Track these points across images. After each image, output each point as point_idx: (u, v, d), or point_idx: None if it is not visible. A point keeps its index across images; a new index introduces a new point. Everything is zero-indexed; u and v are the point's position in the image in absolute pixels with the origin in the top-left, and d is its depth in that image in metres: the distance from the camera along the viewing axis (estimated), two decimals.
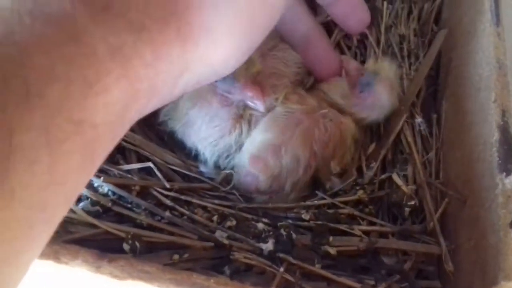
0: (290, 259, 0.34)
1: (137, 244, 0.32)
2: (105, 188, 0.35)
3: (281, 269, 0.33)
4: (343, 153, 0.40)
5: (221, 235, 0.34)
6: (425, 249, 0.35)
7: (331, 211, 0.38)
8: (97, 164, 0.24)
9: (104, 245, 0.32)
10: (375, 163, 0.41)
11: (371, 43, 0.49)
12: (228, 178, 0.40)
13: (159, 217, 0.35)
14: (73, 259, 0.23)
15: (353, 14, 0.47)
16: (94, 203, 0.34)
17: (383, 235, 0.36)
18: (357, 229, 0.36)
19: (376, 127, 0.44)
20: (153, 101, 0.26)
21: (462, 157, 0.37)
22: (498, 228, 0.28)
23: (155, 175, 0.38)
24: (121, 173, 0.37)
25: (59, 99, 0.20)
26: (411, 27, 0.51)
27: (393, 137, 0.42)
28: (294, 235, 0.35)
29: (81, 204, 0.34)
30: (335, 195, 0.39)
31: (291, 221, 0.37)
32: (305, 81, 0.45)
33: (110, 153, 0.37)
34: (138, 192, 0.36)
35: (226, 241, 0.34)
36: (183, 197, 0.37)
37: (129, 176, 0.37)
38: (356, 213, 0.37)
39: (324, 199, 0.39)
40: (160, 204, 0.36)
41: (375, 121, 0.43)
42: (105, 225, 0.33)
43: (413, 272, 0.35)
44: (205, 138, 0.40)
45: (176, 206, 0.36)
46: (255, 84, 0.39)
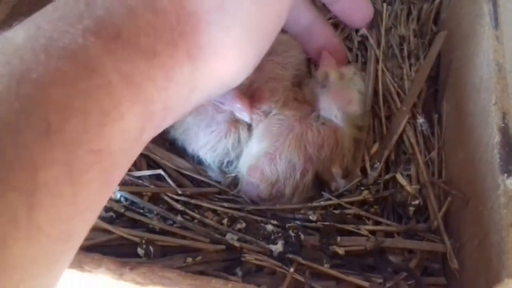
0: (299, 259, 0.35)
1: (151, 248, 0.33)
2: (118, 194, 0.36)
3: (291, 270, 0.34)
4: (342, 155, 0.41)
5: (232, 237, 0.35)
6: (430, 247, 0.36)
7: (337, 211, 0.39)
8: (115, 185, 0.25)
9: (119, 250, 0.34)
10: (379, 163, 0.42)
11: (372, 45, 0.50)
12: (234, 181, 0.41)
13: (171, 222, 0.36)
14: (97, 268, 0.24)
15: (358, 9, 0.48)
16: (107, 209, 0.35)
17: (388, 234, 0.37)
18: (363, 229, 0.37)
19: (378, 127, 0.45)
20: (167, 119, 0.27)
21: (464, 158, 0.38)
22: (500, 227, 0.29)
23: (165, 180, 0.39)
24: (132, 179, 0.37)
25: (79, 132, 0.21)
26: (410, 28, 0.52)
27: (396, 137, 0.43)
28: (302, 236, 0.36)
29: None
30: (340, 195, 0.40)
31: (299, 222, 0.38)
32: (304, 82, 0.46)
33: None
34: (149, 197, 0.37)
35: (237, 244, 0.35)
36: (193, 201, 0.38)
37: (140, 182, 0.38)
38: (362, 213, 0.38)
39: (330, 199, 0.40)
40: (171, 208, 0.37)
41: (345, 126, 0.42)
42: (119, 231, 0.34)
43: (418, 269, 0.36)
44: (204, 145, 0.40)
45: (187, 210, 0.37)
46: (244, 95, 0.39)
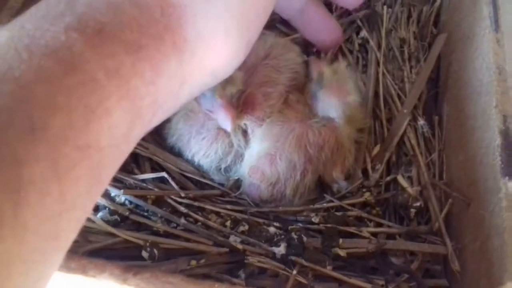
0: (302, 261, 0.35)
1: (155, 251, 0.34)
2: (122, 197, 0.36)
3: (294, 272, 0.34)
4: (343, 157, 0.41)
5: (235, 240, 0.36)
6: (431, 249, 0.36)
7: (339, 213, 0.39)
8: (106, 182, 0.24)
9: (123, 253, 0.34)
10: (380, 165, 0.42)
11: (372, 47, 0.50)
12: (237, 183, 0.41)
13: (174, 224, 0.36)
14: (101, 273, 0.24)
15: None
16: (112, 213, 0.35)
17: (390, 236, 0.38)
18: (365, 231, 0.37)
19: (379, 129, 0.45)
20: (157, 114, 0.27)
21: (465, 160, 0.38)
22: (502, 230, 0.30)
23: (168, 182, 0.39)
24: (137, 182, 0.38)
25: (63, 128, 0.21)
26: (411, 30, 0.52)
27: (397, 139, 0.43)
28: (305, 238, 0.36)
29: (100, 214, 0.35)
30: (342, 197, 0.41)
31: (301, 224, 0.38)
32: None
33: (124, 162, 0.39)
34: (153, 200, 0.37)
35: (240, 246, 0.35)
36: (196, 203, 0.38)
37: (144, 185, 0.38)
38: (363, 215, 0.39)
39: (332, 201, 0.40)
40: (175, 211, 0.37)
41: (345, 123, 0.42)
42: (123, 234, 0.34)
43: (420, 271, 0.36)
44: (197, 151, 0.41)
45: (190, 212, 0.37)
46: (237, 101, 0.39)
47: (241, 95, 0.40)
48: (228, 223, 0.37)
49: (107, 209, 0.35)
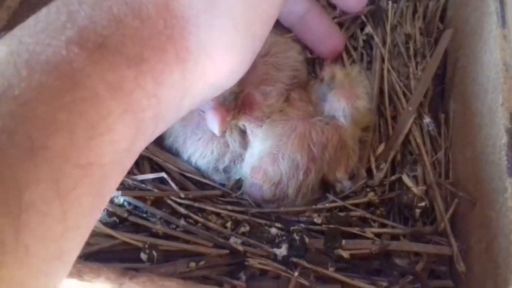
0: (304, 263, 0.34)
1: (154, 253, 0.33)
2: (121, 198, 0.36)
3: (296, 274, 0.34)
4: (347, 157, 0.41)
5: (235, 241, 0.35)
6: (436, 250, 0.36)
7: (342, 214, 0.38)
8: (107, 198, 0.24)
9: (122, 255, 0.33)
10: (384, 164, 0.41)
11: (377, 43, 0.49)
12: (238, 184, 0.41)
13: (174, 226, 0.36)
14: (96, 277, 0.24)
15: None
16: (110, 214, 0.35)
17: (394, 237, 0.37)
18: (369, 232, 0.37)
19: (384, 127, 0.45)
20: (159, 126, 0.26)
21: (471, 158, 0.37)
22: (508, 231, 0.29)
23: (168, 183, 0.38)
24: (136, 183, 0.37)
25: (64, 147, 0.20)
26: (416, 26, 0.51)
27: (402, 138, 0.42)
28: (307, 239, 0.35)
29: None
30: (345, 197, 0.40)
31: (303, 225, 0.37)
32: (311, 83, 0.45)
33: None
34: (152, 201, 0.37)
35: (240, 248, 0.35)
36: (196, 204, 0.37)
37: (143, 185, 0.37)
38: (367, 215, 0.38)
39: (335, 201, 0.39)
40: (174, 212, 0.37)
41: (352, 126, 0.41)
42: (122, 236, 0.34)
43: (425, 272, 0.35)
44: (193, 152, 0.40)
45: (190, 214, 0.36)
46: (222, 106, 0.38)
47: (239, 95, 0.40)
48: (228, 224, 0.37)
49: (105, 210, 0.35)
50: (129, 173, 0.38)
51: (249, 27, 0.28)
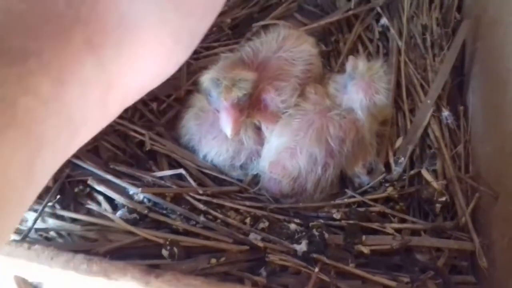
0: (324, 259, 0.34)
1: (175, 249, 0.33)
2: (141, 195, 0.36)
3: (316, 269, 0.33)
4: (365, 151, 0.40)
5: (255, 237, 0.35)
6: (458, 245, 0.35)
7: (361, 209, 0.38)
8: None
9: (143, 252, 0.34)
10: (403, 158, 0.41)
11: (393, 35, 0.49)
12: (255, 179, 0.41)
13: (194, 222, 0.36)
14: (122, 276, 0.24)
15: None
16: (131, 211, 0.35)
17: (415, 232, 0.37)
18: (389, 227, 0.36)
19: (402, 120, 0.44)
20: (80, 133, 0.21)
21: (492, 152, 0.37)
22: None
23: (186, 179, 0.38)
24: (155, 179, 0.37)
25: None
26: (433, 17, 0.50)
27: (420, 131, 0.42)
28: (326, 235, 0.35)
29: (119, 212, 0.35)
30: (364, 192, 0.40)
31: (322, 221, 0.37)
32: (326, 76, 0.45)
33: (142, 160, 0.38)
34: (172, 198, 0.36)
35: (260, 244, 0.34)
36: (215, 200, 0.37)
37: (162, 182, 0.37)
38: (387, 210, 0.38)
39: (353, 197, 0.39)
40: (194, 208, 0.37)
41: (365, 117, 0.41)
42: (143, 232, 0.34)
43: (446, 268, 0.35)
44: (208, 151, 0.40)
45: (209, 210, 0.36)
46: (236, 108, 0.37)
47: (253, 92, 0.39)
48: (247, 220, 0.37)
49: (125, 207, 0.35)
50: (147, 169, 0.39)
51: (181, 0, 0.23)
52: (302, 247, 0.35)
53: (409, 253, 0.35)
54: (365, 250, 0.35)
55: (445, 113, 0.43)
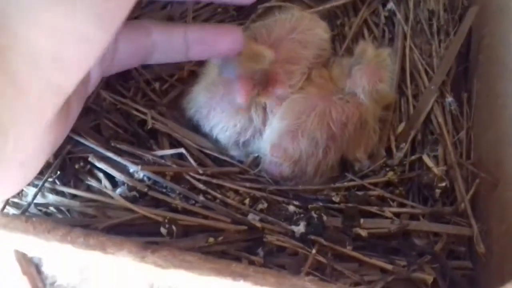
0: (321, 241, 0.34)
1: (174, 227, 0.34)
2: (141, 173, 0.36)
3: (313, 251, 0.34)
4: (367, 137, 0.40)
5: (253, 218, 0.35)
6: (456, 230, 0.35)
7: (361, 193, 0.38)
8: None
9: (142, 229, 0.34)
10: (405, 144, 0.41)
11: (399, 20, 0.48)
12: (256, 161, 0.41)
13: (193, 201, 0.36)
14: (119, 250, 0.24)
15: None
16: (131, 189, 0.35)
17: (413, 217, 0.37)
18: (387, 211, 0.36)
19: (405, 106, 0.44)
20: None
21: (494, 139, 0.36)
22: None
23: (187, 159, 0.38)
24: (155, 158, 0.37)
25: None
26: (440, 2, 0.50)
27: (423, 117, 0.42)
28: (325, 218, 0.35)
29: (119, 189, 0.35)
30: (364, 176, 0.40)
31: (321, 203, 0.37)
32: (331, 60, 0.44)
33: (143, 139, 0.38)
34: (172, 177, 0.37)
35: (258, 224, 0.35)
36: (215, 180, 0.37)
37: (163, 161, 0.37)
38: (386, 194, 0.38)
39: (353, 180, 0.39)
40: (193, 188, 0.37)
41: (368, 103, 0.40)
42: (142, 210, 0.34)
43: (444, 253, 0.35)
44: (215, 124, 0.40)
45: (209, 190, 0.36)
46: (250, 80, 0.37)
47: (267, 72, 0.39)
48: (246, 201, 0.37)
49: (125, 185, 0.35)
50: (148, 148, 0.39)
51: None
52: (300, 228, 0.35)
53: (407, 237, 0.36)
54: (363, 233, 0.35)
55: (449, 99, 0.43)
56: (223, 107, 0.39)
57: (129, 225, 0.34)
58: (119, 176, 0.36)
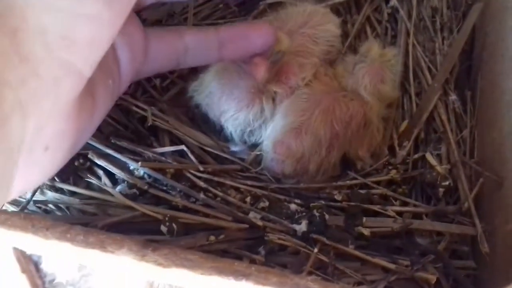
0: (323, 240, 0.34)
1: (174, 226, 0.33)
2: (141, 171, 0.36)
3: (315, 250, 0.33)
4: (370, 136, 0.40)
5: (255, 216, 0.35)
6: (460, 230, 0.35)
7: (363, 191, 0.38)
8: None
9: (142, 227, 0.33)
10: (408, 142, 0.40)
11: (402, 17, 0.48)
12: (257, 159, 0.40)
13: (194, 199, 0.36)
14: (119, 248, 0.24)
15: None
16: (131, 186, 0.35)
17: (416, 216, 0.36)
18: (390, 210, 0.36)
19: (408, 104, 0.44)
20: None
21: (498, 137, 0.36)
22: None
23: (187, 156, 0.38)
24: (155, 155, 0.37)
25: None
26: None
27: (426, 115, 0.41)
28: (327, 216, 0.35)
29: (119, 187, 0.35)
30: (367, 175, 0.39)
31: (323, 202, 0.37)
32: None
33: (143, 136, 0.38)
34: (172, 174, 0.36)
35: (260, 223, 0.34)
36: (216, 178, 0.37)
37: (163, 158, 0.37)
38: (389, 193, 0.37)
39: (356, 179, 0.39)
40: (194, 186, 0.36)
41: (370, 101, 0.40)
42: (142, 208, 0.34)
43: (447, 252, 0.35)
44: (225, 110, 0.39)
45: (209, 187, 0.36)
46: (266, 60, 0.37)
47: (282, 59, 0.38)
48: (248, 199, 0.36)
49: (125, 182, 0.35)
50: (148, 145, 0.38)
51: None
52: (302, 227, 0.34)
53: (409, 236, 0.35)
54: (366, 232, 0.35)
55: (452, 97, 0.42)
56: (236, 95, 0.39)
57: (129, 223, 0.33)
58: (119, 173, 0.35)
